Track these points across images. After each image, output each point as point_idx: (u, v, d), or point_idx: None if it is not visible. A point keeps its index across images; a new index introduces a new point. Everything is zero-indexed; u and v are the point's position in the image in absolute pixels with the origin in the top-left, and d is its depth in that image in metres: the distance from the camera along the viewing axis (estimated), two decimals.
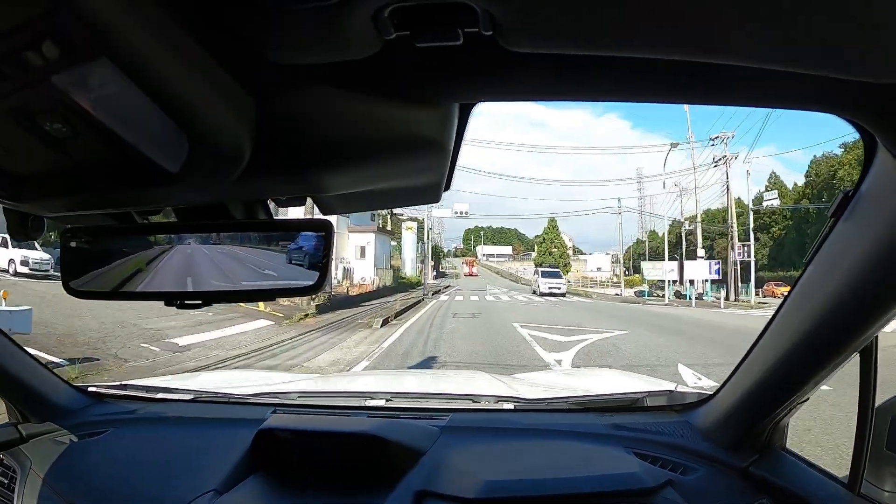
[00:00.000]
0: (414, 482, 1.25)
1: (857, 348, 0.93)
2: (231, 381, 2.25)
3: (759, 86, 0.58)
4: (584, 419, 1.54)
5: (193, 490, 1.27)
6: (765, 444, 1.22)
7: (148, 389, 1.87)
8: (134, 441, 1.57)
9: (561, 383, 2.20)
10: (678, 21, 0.45)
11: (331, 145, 0.70)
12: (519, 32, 0.48)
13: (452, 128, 0.70)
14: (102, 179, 0.66)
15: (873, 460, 1.00)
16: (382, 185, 0.85)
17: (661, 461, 1.30)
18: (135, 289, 0.83)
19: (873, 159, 0.72)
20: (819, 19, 0.43)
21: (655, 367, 7.81)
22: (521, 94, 0.65)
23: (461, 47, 0.50)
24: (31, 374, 1.54)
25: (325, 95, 0.62)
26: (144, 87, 0.49)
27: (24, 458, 1.46)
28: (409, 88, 0.62)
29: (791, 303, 1.00)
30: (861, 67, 0.49)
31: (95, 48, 0.44)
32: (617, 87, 0.62)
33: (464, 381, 2.50)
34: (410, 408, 1.71)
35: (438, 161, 0.76)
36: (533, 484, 1.22)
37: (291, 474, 1.36)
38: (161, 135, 0.57)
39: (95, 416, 1.66)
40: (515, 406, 1.66)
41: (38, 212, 0.80)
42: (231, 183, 0.66)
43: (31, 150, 0.60)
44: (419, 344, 10.24)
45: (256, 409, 1.67)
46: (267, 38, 0.51)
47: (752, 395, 1.17)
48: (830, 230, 0.85)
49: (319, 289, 0.78)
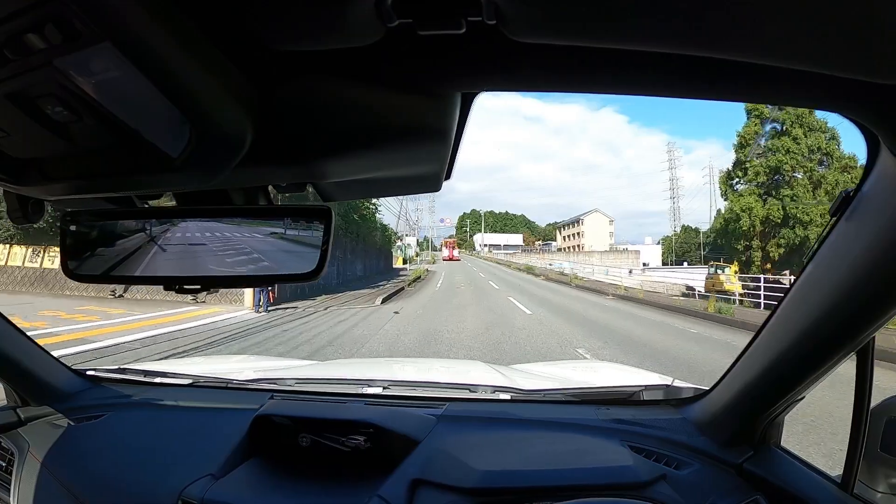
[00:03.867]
0: (410, 470, 1.25)
1: (855, 348, 0.93)
2: (229, 367, 2.26)
3: (761, 82, 0.58)
4: (580, 411, 1.55)
5: (190, 474, 1.28)
6: (760, 441, 1.23)
7: (146, 374, 1.88)
8: (131, 425, 1.58)
9: (558, 375, 2.21)
10: (681, 14, 0.44)
11: (332, 133, 0.70)
12: (522, 22, 0.47)
13: (454, 117, 0.70)
14: (103, 164, 0.66)
15: (867, 461, 1.00)
16: (383, 174, 0.85)
17: (655, 455, 1.31)
18: (134, 273, 0.83)
19: (876, 159, 0.72)
20: (822, 17, 0.42)
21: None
22: (523, 84, 0.64)
23: (464, 36, 0.50)
24: (30, 358, 1.55)
25: (328, 83, 0.62)
26: (147, 72, 0.49)
27: (23, 441, 1.47)
28: (412, 77, 0.62)
29: (790, 301, 1.00)
30: (865, 67, 0.48)
31: (98, 33, 0.44)
32: (619, 80, 0.62)
33: (461, 370, 2.51)
34: (407, 396, 1.71)
35: (440, 150, 0.76)
36: (528, 475, 1.22)
37: (288, 460, 1.37)
38: (163, 120, 0.57)
39: (93, 399, 1.68)
40: (512, 396, 1.67)
41: (39, 195, 0.80)
42: (232, 169, 0.66)
43: (33, 134, 0.60)
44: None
45: (254, 394, 1.68)
46: (269, 24, 0.50)
47: (748, 391, 1.17)
48: (831, 229, 0.85)
49: (318, 275, 0.78)
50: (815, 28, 0.44)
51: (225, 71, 0.55)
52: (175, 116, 0.55)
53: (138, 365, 2.05)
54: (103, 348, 7.90)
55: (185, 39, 0.48)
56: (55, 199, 0.83)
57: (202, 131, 0.58)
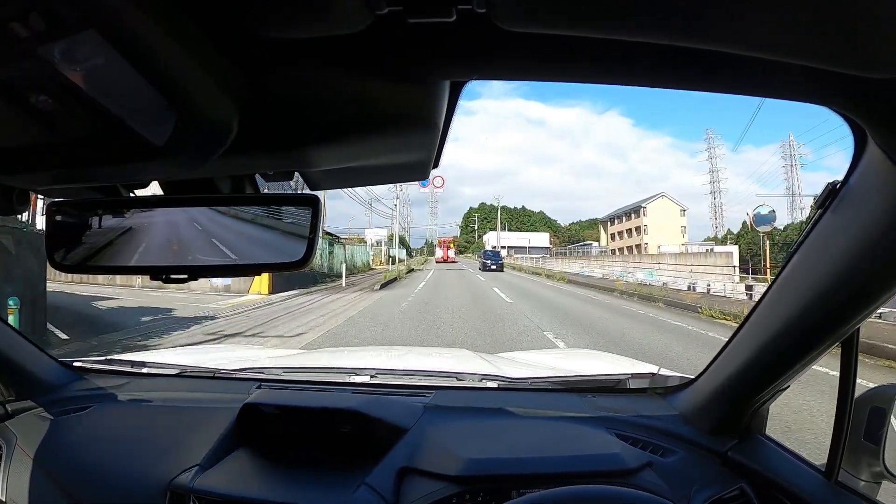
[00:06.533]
0: (397, 458, 1.26)
1: (839, 338, 0.95)
2: (216, 356, 2.25)
3: (750, 74, 0.58)
4: (566, 399, 1.56)
5: (178, 465, 1.28)
6: (744, 430, 1.24)
7: (133, 364, 1.86)
8: (118, 416, 1.57)
9: (545, 363, 2.22)
10: (672, 5, 0.44)
11: (319, 121, 0.69)
12: (513, 11, 0.47)
13: (443, 105, 0.69)
14: (88, 153, 0.65)
15: (851, 449, 1.02)
16: (371, 162, 0.85)
17: (641, 443, 1.32)
18: (120, 262, 0.83)
19: (863, 152, 0.73)
20: (811, 11, 0.42)
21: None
22: (513, 73, 0.64)
23: (454, 24, 0.49)
24: (15, 349, 1.53)
25: (315, 70, 0.61)
26: (132, 59, 0.48)
27: (10, 434, 1.46)
28: (400, 65, 0.61)
29: (775, 291, 1.01)
30: (853, 61, 0.49)
31: (82, 20, 0.43)
32: (609, 70, 0.62)
33: (449, 358, 2.52)
34: (395, 384, 1.72)
35: (428, 138, 0.75)
36: (514, 462, 1.23)
37: (275, 449, 1.37)
38: (147, 108, 0.56)
39: (80, 391, 1.66)
40: (499, 385, 1.67)
41: (24, 185, 0.79)
42: (218, 157, 0.65)
43: (16, 123, 0.59)
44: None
45: (241, 384, 1.68)
46: (255, 11, 0.50)
47: (734, 380, 1.19)
48: (817, 221, 0.86)
49: (306, 263, 0.78)
50: (804, 22, 0.44)
51: (210, 58, 0.54)
52: (160, 104, 0.54)
53: (125, 355, 2.04)
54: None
55: (170, 26, 0.48)
56: (40, 189, 0.82)
57: (187, 119, 0.58)
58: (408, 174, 0.93)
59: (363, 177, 0.98)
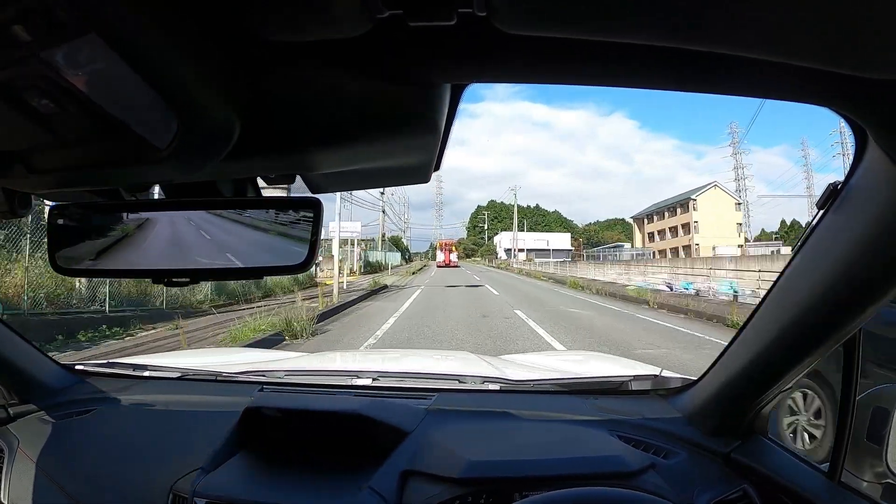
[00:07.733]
0: (400, 461, 1.26)
1: (841, 340, 0.94)
2: (218, 360, 2.25)
3: (750, 75, 0.58)
4: (569, 402, 1.56)
5: (180, 469, 1.28)
6: (747, 431, 1.24)
7: (135, 367, 1.86)
8: (120, 420, 1.57)
9: (547, 365, 2.22)
10: (672, 7, 0.44)
11: (321, 124, 0.69)
12: (513, 14, 0.47)
13: (444, 108, 0.69)
14: (90, 156, 0.65)
15: (854, 450, 1.01)
16: (372, 165, 0.85)
17: (644, 445, 1.32)
18: (123, 266, 0.83)
19: (863, 153, 0.73)
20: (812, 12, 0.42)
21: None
22: (514, 76, 0.64)
23: (455, 27, 0.49)
24: (18, 353, 1.53)
25: (317, 73, 0.61)
26: (133, 63, 0.48)
27: (12, 438, 1.46)
28: (401, 68, 0.61)
29: (777, 292, 1.01)
30: (854, 62, 0.49)
31: (83, 23, 0.43)
32: (609, 73, 0.62)
33: (450, 361, 2.51)
34: (397, 387, 1.71)
35: (429, 141, 0.75)
36: (517, 465, 1.23)
37: (278, 453, 1.37)
38: (149, 112, 0.56)
39: (83, 394, 1.66)
40: (501, 387, 1.67)
41: (25, 189, 0.79)
42: (220, 160, 0.66)
43: (18, 127, 0.59)
44: None
45: (243, 387, 1.68)
46: (257, 14, 0.50)
47: (736, 381, 1.19)
48: (818, 222, 0.86)
49: (307, 267, 0.78)
50: (804, 23, 0.44)
51: (212, 61, 0.54)
52: (162, 108, 0.55)
53: (126, 359, 2.04)
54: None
55: (171, 30, 0.48)
56: (42, 192, 0.82)
57: (189, 122, 0.58)
58: (409, 177, 0.93)
59: (364, 179, 0.98)
